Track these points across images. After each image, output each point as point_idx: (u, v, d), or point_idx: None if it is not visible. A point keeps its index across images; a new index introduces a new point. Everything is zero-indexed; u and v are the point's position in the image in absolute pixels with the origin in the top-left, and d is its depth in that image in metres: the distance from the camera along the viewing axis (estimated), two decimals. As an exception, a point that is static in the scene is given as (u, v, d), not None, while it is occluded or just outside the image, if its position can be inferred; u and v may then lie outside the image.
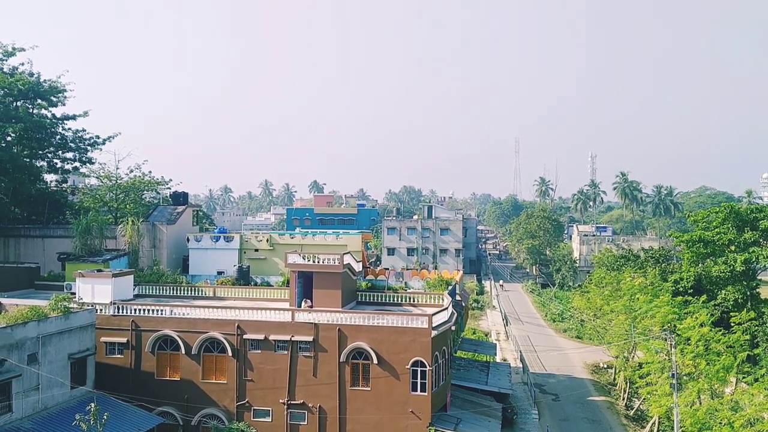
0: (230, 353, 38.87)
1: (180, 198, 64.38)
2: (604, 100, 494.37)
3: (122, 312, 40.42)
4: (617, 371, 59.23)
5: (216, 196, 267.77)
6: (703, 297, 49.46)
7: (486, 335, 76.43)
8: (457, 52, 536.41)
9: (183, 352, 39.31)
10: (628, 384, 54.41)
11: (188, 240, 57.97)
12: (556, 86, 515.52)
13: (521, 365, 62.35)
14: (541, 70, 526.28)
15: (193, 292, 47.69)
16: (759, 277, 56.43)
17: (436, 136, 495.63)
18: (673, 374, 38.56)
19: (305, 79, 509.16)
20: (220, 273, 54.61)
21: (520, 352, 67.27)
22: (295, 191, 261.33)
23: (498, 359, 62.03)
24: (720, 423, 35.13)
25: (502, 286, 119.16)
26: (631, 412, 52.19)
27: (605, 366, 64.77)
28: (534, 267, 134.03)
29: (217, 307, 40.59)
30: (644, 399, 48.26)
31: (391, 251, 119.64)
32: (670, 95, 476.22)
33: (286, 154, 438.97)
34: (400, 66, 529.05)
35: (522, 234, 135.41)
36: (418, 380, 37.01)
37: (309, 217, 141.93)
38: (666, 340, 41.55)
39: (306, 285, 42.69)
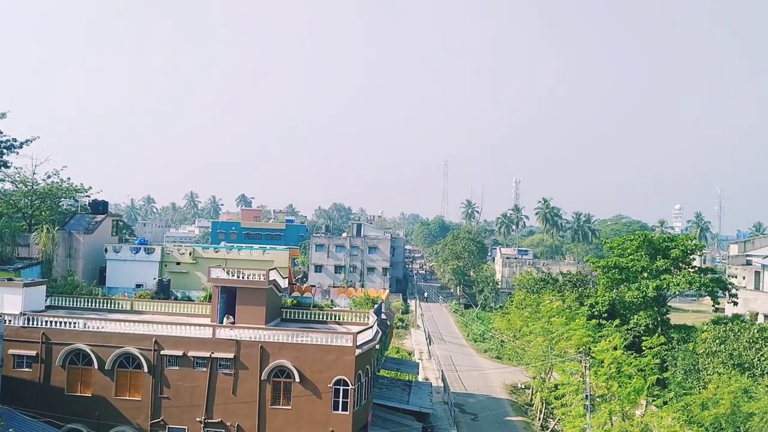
0: (146, 369, 37.63)
1: (99, 207, 62.12)
2: (528, 128, 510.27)
3: (32, 323, 38.53)
4: (534, 392, 60.62)
5: (138, 207, 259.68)
6: (617, 321, 51.48)
7: (409, 354, 76.90)
8: (392, 72, 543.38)
9: (96, 367, 37.77)
10: (544, 404, 55.75)
11: (106, 250, 55.96)
12: (484, 112, 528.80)
13: (442, 384, 62.96)
14: (471, 96, 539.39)
15: (109, 305, 46.01)
16: (669, 304, 59.32)
17: (367, 154, 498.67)
18: (586, 395, 39.85)
19: (235, 91, 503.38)
20: (138, 286, 52.93)
21: (442, 371, 67.92)
22: (222, 204, 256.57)
23: (420, 378, 62.48)
24: (630, 443, 36.48)
25: (426, 298, 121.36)
26: (546, 432, 53.50)
27: (523, 386, 66.23)
28: (458, 287, 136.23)
29: (134, 321, 39.29)
30: (559, 419, 49.53)
31: (318, 268, 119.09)
32: (589, 127, 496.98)
33: (212, 165, 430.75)
34: (334, 84, 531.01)
35: (448, 255, 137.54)
36: (340, 399, 36.86)
37: (235, 231, 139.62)
38: (581, 362, 42.94)
39: (229, 301, 41.94)
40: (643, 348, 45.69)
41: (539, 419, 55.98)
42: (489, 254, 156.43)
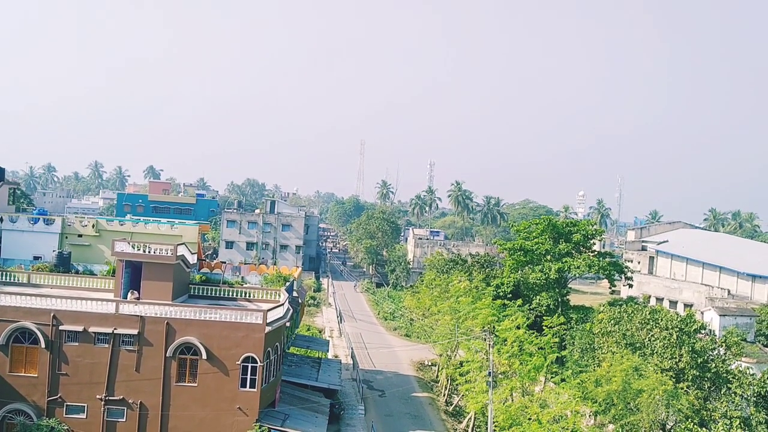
0: (43, 345, 36.06)
1: (-6, 174, 58.56)
2: (443, 112, 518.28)
3: None
4: (440, 369, 62.30)
5: (37, 175, 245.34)
6: (520, 301, 53.45)
7: (320, 332, 77.11)
8: (312, 47, 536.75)
9: (-13, 342, 35.83)
10: (449, 381, 57.40)
11: (2, 220, 52.97)
12: (401, 91, 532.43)
13: (352, 362, 63.65)
14: (390, 74, 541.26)
15: (3, 278, 43.64)
16: (569, 286, 62.15)
17: (284, 130, 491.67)
18: (489, 372, 41.31)
19: (150, 58, 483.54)
20: (36, 258, 50.50)
21: (352, 349, 68.62)
22: (129, 175, 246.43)
23: (330, 356, 62.86)
24: (529, 419, 38.09)
25: (341, 273, 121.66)
26: (451, 408, 55.21)
27: (430, 364, 67.89)
28: (371, 266, 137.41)
29: (31, 295, 37.44)
30: (463, 395, 51.13)
31: (229, 244, 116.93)
32: (500, 111, 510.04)
33: (119, 134, 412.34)
34: (251, 55, 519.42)
35: (362, 234, 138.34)
36: (248, 376, 36.66)
37: (142, 204, 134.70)
38: (485, 340, 44.42)
39: (134, 275, 40.68)
40: (544, 327, 47.71)
41: (444, 395, 57.63)
42: (402, 234, 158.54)
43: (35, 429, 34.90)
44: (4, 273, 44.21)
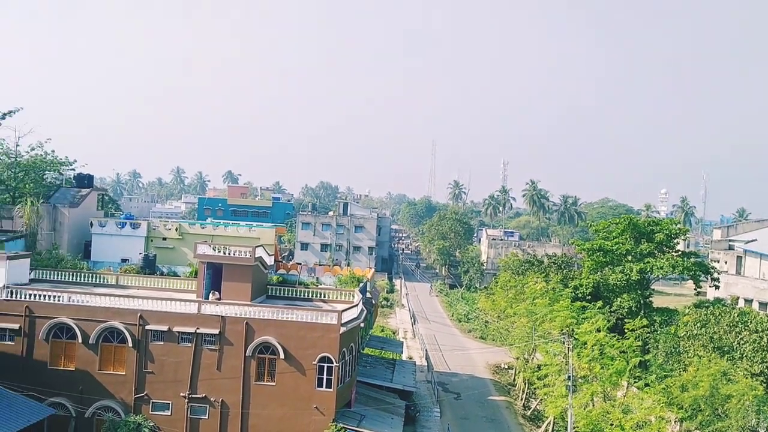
0: (131, 344, 37.54)
1: (84, 180, 61.57)
2: (518, 110, 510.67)
3: (16, 297, 38.17)
4: (517, 372, 61.20)
5: (124, 181, 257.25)
6: (600, 303, 51.87)
7: (394, 333, 77.26)
8: (381, 52, 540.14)
9: (80, 341, 37.59)
10: (526, 385, 56.32)
11: (92, 225, 55.61)
12: (474, 91, 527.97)
13: (426, 364, 63.38)
14: (461, 75, 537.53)
15: (94, 280, 45.72)
16: (652, 287, 59.83)
17: (355, 133, 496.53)
18: (569, 376, 40.23)
19: (220, 65, 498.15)
20: (124, 261, 52.72)
21: (426, 350, 68.34)
22: (209, 180, 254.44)
23: (404, 357, 62.85)
24: (611, 425, 36.89)
25: (414, 272, 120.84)
26: (528, 412, 54.13)
27: (506, 367, 66.84)
28: (443, 268, 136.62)
29: (119, 296, 39.10)
30: (541, 400, 50.05)
31: (304, 246, 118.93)
32: (578, 111, 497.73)
33: (200, 141, 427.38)
34: (322, 60, 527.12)
35: (434, 235, 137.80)
36: (324, 376, 37.01)
37: (222, 208, 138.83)
38: (564, 343, 43.31)
39: (215, 277, 41.83)
40: (626, 330, 46.10)
41: (521, 399, 56.58)
42: (475, 235, 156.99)
43: (123, 425, 36.34)
44: (94, 275, 46.35)
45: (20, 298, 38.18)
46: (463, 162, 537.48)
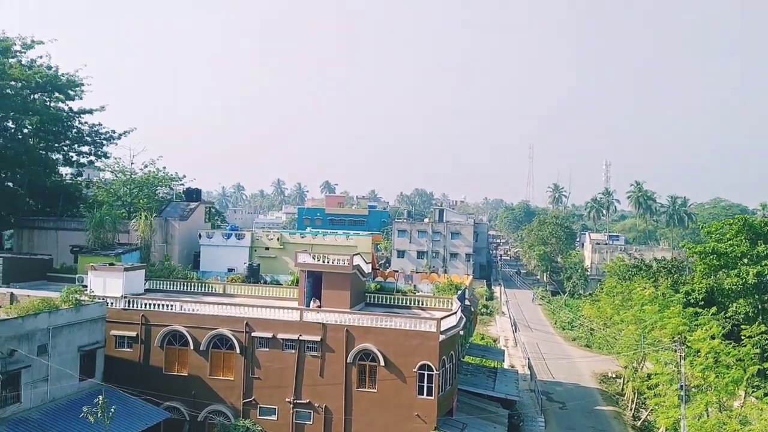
0: (238, 350, 38.98)
1: (193, 194, 64.77)
2: (620, 109, 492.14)
3: (133, 306, 40.62)
4: (625, 381, 58.91)
5: (228, 194, 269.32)
6: (713, 309, 49.09)
7: (494, 341, 76.17)
8: (471, 54, 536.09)
9: (191, 347, 39.46)
10: (636, 394, 54.06)
11: (200, 236, 58.26)
12: (572, 92, 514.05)
13: (529, 372, 62.06)
14: (557, 76, 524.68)
15: (203, 289, 47.89)
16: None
17: (449, 139, 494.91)
18: (681, 386, 38.32)
19: (318, 79, 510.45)
20: (230, 270, 54.80)
21: (528, 359, 66.97)
22: (307, 191, 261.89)
23: (506, 366, 61.78)
24: (728, 437, 34.83)
25: (513, 278, 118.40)
26: (639, 423, 51.85)
27: (614, 376, 64.41)
28: (545, 274, 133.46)
29: (227, 304, 40.70)
30: (652, 410, 47.95)
31: (401, 254, 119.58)
32: (687, 106, 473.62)
33: (299, 153, 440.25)
34: (413, 68, 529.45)
35: (534, 240, 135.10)
36: (425, 384, 36.93)
37: (320, 217, 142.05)
38: (675, 351, 41.28)
39: (315, 285, 42.78)
40: (743, 337, 43.44)
41: (631, 409, 54.31)
42: (577, 240, 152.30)
43: (233, 429, 37.70)
44: (203, 284, 48.54)
45: (137, 307, 40.56)
46: (562, 165, 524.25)
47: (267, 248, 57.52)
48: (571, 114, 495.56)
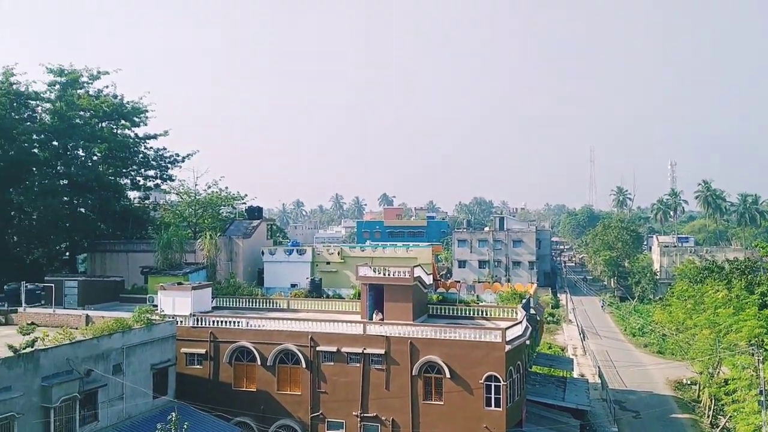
0: (304, 365, 39.37)
1: (255, 212, 66.12)
2: (683, 106, 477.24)
3: (201, 324, 41.63)
4: (701, 388, 56.66)
5: (289, 210, 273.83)
6: (793, 310, 46.71)
7: (562, 350, 74.61)
8: (529, 58, 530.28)
9: (259, 363, 40.09)
10: (713, 401, 51.92)
11: (263, 253, 59.32)
12: (632, 93, 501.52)
13: (600, 381, 60.48)
14: (616, 75, 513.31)
15: (267, 304, 48.71)
16: None
17: (507, 147, 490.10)
18: (761, 391, 36.68)
19: (372, 92, 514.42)
20: (293, 285, 55.54)
21: (599, 367, 65.30)
22: (365, 204, 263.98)
23: (575, 375, 60.40)
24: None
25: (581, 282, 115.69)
26: (717, 430, 49.74)
27: (689, 382, 62.08)
28: (612, 279, 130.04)
29: (291, 319, 41.24)
30: (731, 417, 45.93)
31: (462, 264, 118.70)
32: (754, 102, 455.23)
33: (356, 167, 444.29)
34: (471, 81, 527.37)
35: (599, 245, 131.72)
36: (492, 395, 36.40)
37: (379, 230, 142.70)
38: (753, 355, 39.53)
39: (377, 298, 42.86)
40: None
41: (708, 417, 52.15)
42: (645, 243, 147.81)
43: (302, 442, 38.09)
44: (267, 300, 49.36)
45: (205, 324, 41.56)
46: (625, 166, 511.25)
47: (328, 263, 58.07)
48: (632, 114, 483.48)
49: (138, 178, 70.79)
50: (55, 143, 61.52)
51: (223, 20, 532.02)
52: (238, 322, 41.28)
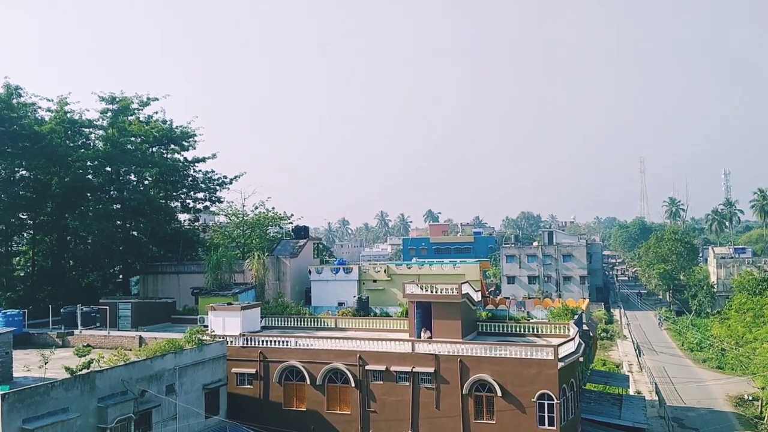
0: (353, 384, 39.19)
1: (301, 232, 66.59)
2: (735, 113, 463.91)
3: (251, 343, 41.92)
4: (764, 404, 54.30)
5: (334, 229, 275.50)
6: None
7: (617, 367, 72.62)
8: (572, 68, 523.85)
9: (308, 382, 40.08)
10: (779, 419, 49.67)
11: (310, 272, 59.60)
12: (682, 102, 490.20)
13: (657, 398, 58.59)
14: (666, 84, 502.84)
15: (315, 323, 48.76)
16: None
17: (555, 158, 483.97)
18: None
19: (416, 108, 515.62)
20: (340, 304, 55.56)
21: (656, 384, 63.30)
22: (411, 221, 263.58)
23: (631, 392, 58.64)
24: None
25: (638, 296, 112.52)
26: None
27: (750, 398, 59.53)
28: (667, 293, 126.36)
29: (339, 338, 41.16)
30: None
31: (510, 280, 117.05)
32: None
33: (400, 184, 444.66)
34: (514, 95, 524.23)
35: (652, 258, 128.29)
36: (546, 414, 35.54)
37: (425, 247, 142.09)
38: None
39: (425, 315, 42.44)
40: None
41: (774, 435, 49.85)
42: (700, 255, 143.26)
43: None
44: (315, 319, 49.46)
45: (254, 344, 41.84)
46: (677, 177, 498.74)
47: (374, 281, 57.95)
48: (682, 123, 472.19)
49: (188, 201, 72.21)
50: (108, 169, 63.31)
51: (264, 42, 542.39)
52: (287, 341, 41.41)
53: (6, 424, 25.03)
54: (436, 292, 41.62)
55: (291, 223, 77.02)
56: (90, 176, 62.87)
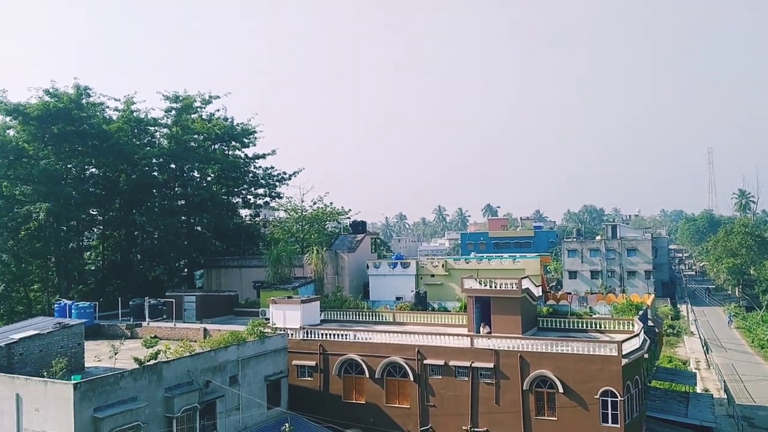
0: (412, 378, 39.25)
1: (359, 227, 67.00)
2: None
3: (311, 336, 42.49)
4: None
5: (392, 224, 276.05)
6: None
7: (684, 364, 70.41)
8: (640, 60, 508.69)
9: (367, 375, 40.37)
10: None
11: (368, 267, 59.90)
12: (750, 89, 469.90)
13: (725, 396, 56.54)
14: (732, 73, 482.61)
15: (374, 318, 49.02)
16: None
17: (617, 150, 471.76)
18: None
19: (476, 103, 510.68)
20: (398, 298, 55.65)
21: (724, 382, 61.08)
22: (469, 216, 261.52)
23: (698, 390, 56.77)
24: None
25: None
26: None
27: (831, 400, 56.77)
28: (736, 288, 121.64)
29: (398, 332, 41.28)
30: None
31: (572, 274, 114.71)
32: None
33: (459, 178, 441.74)
34: (571, 86, 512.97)
35: (721, 252, 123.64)
36: (609, 411, 34.76)
37: (483, 242, 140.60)
38: None
39: (483, 310, 42.12)
40: None
41: None
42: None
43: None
44: (374, 313, 49.72)
45: (314, 337, 42.39)
46: (747, 168, 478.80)
47: (432, 275, 57.79)
48: (752, 110, 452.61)
49: (249, 197, 73.69)
50: (172, 166, 65.16)
51: (326, 33, 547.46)
52: (346, 335, 41.82)
53: (78, 412, 26.08)
54: (495, 287, 41.25)
55: (349, 218, 77.74)
56: (155, 173, 64.84)
